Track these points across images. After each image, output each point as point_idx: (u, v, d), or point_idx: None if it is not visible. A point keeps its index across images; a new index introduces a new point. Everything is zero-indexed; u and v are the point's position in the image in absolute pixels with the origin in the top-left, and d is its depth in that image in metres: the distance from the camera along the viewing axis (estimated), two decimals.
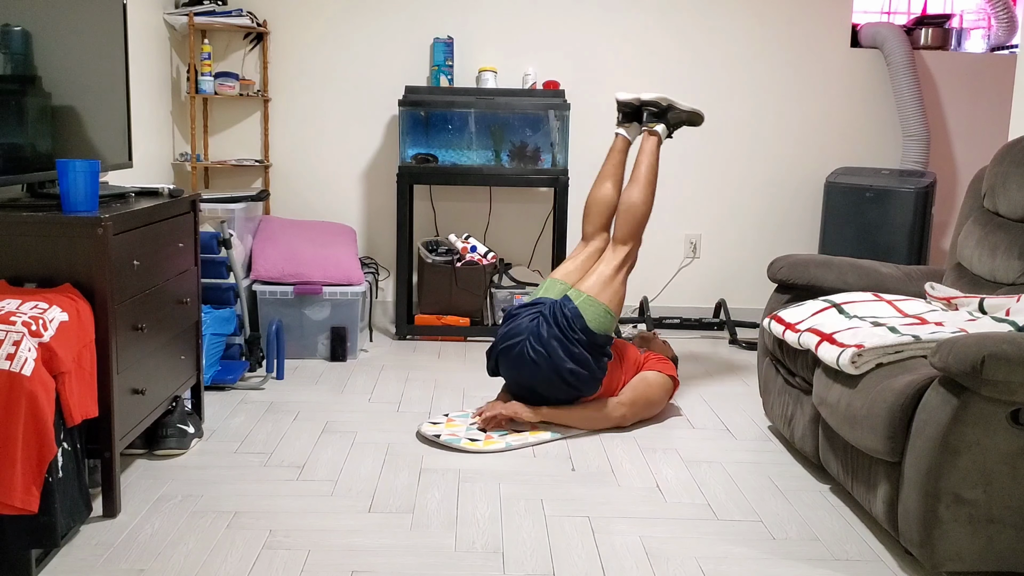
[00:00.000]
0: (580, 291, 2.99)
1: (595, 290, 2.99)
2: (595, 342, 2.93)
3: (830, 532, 2.29)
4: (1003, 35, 4.60)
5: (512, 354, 2.95)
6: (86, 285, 2.14)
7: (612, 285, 3.01)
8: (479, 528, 2.25)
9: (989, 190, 2.83)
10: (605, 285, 3.00)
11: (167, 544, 2.12)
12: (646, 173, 3.17)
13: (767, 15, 4.42)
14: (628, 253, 3.09)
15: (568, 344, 2.89)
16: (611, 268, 3.04)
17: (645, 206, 3.13)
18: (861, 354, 2.21)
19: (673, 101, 3.28)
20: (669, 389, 3.12)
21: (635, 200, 3.13)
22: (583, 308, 2.94)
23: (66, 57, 2.49)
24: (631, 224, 3.11)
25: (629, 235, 3.11)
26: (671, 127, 3.31)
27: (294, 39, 4.34)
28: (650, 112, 3.29)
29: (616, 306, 3.00)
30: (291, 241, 3.84)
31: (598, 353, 2.95)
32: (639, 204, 3.13)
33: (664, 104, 3.27)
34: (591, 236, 3.24)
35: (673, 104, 3.28)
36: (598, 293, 2.98)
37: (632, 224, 3.11)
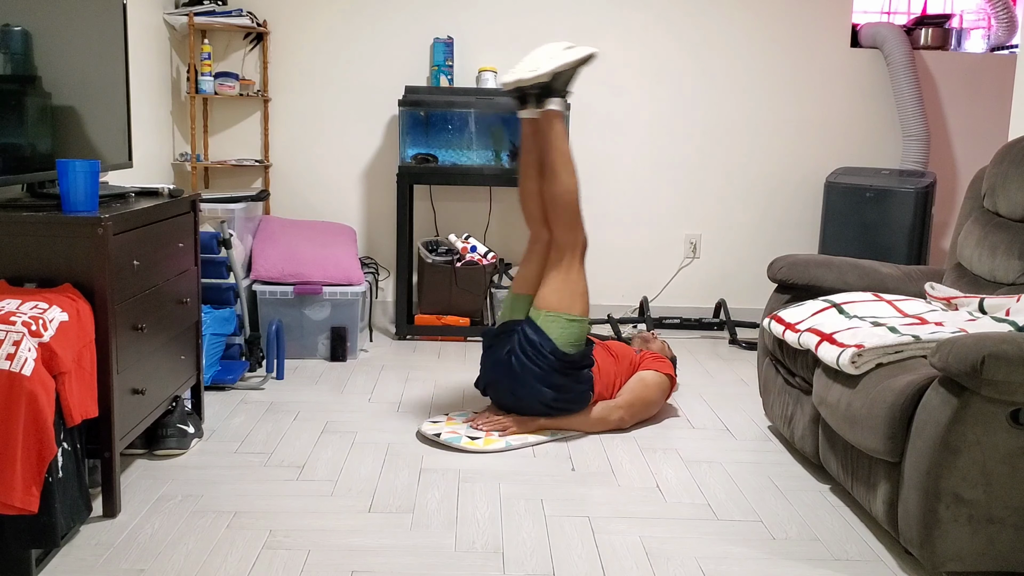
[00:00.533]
0: (539, 309, 2.87)
1: (552, 302, 2.86)
2: (569, 362, 2.85)
3: (830, 532, 2.29)
4: (1003, 35, 4.60)
5: (498, 391, 2.94)
6: (86, 285, 2.14)
7: (567, 287, 2.87)
8: (479, 528, 2.25)
9: (989, 190, 2.83)
10: (559, 292, 2.86)
11: (167, 544, 2.12)
12: (556, 158, 2.89)
13: (767, 15, 4.42)
14: (571, 246, 2.89)
15: (545, 374, 2.82)
16: (560, 271, 2.88)
17: (568, 194, 2.89)
18: (861, 354, 2.21)
19: (555, 67, 2.86)
20: (666, 388, 3.11)
21: (555, 192, 2.89)
22: (547, 328, 2.83)
23: (66, 57, 2.49)
24: (562, 217, 2.89)
25: (565, 227, 2.90)
26: (563, 93, 2.93)
27: (294, 39, 4.34)
28: (534, 94, 2.93)
29: (579, 307, 2.88)
30: (291, 241, 3.84)
31: (576, 370, 2.88)
32: (560, 194, 2.88)
33: (547, 79, 2.87)
34: (535, 230, 3.01)
35: (556, 71, 2.87)
36: (556, 304, 2.85)
37: (563, 216, 2.89)
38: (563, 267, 2.90)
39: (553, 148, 2.90)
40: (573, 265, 2.90)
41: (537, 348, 2.82)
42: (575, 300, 2.87)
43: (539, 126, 2.94)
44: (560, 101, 2.92)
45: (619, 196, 4.53)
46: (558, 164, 2.89)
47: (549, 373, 2.83)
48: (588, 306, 2.92)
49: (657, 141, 4.50)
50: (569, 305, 2.86)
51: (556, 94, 2.91)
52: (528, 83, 2.87)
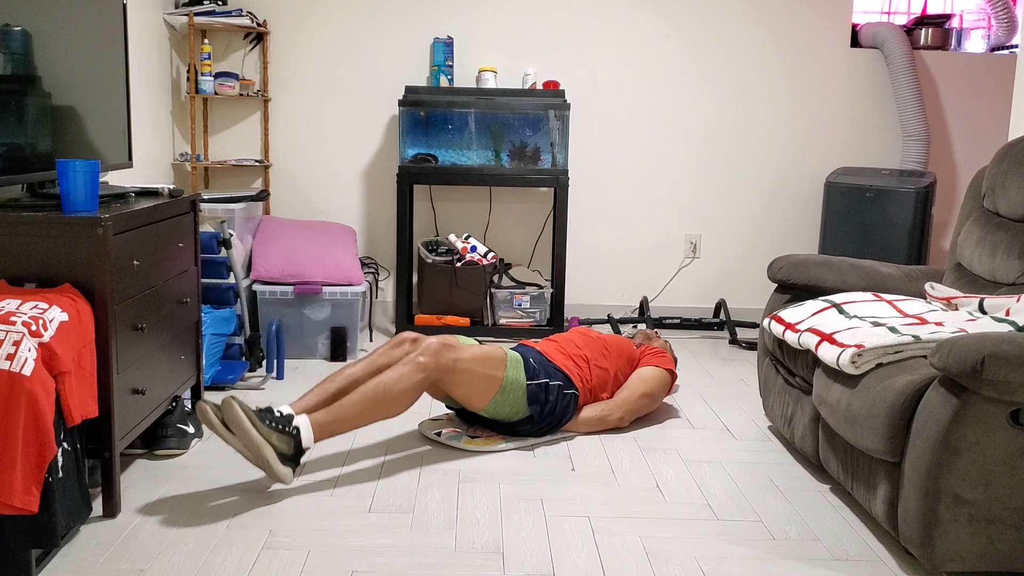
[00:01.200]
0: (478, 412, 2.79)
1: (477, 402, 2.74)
2: (538, 412, 2.81)
3: (830, 532, 2.29)
4: (1003, 35, 4.60)
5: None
6: (86, 285, 2.14)
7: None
8: (479, 528, 2.25)
9: (989, 190, 2.83)
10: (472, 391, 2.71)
11: (167, 544, 2.12)
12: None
13: (767, 15, 4.42)
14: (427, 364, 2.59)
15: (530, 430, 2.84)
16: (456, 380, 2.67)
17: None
18: (861, 354, 2.21)
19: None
20: (667, 383, 3.11)
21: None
22: (498, 415, 2.79)
23: (66, 57, 2.49)
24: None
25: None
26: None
27: (294, 39, 4.34)
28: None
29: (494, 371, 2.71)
30: (291, 241, 3.84)
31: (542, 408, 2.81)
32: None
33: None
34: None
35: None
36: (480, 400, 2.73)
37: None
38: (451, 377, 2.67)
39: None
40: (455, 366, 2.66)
41: (509, 425, 2.83)
42: (485, 378, 2.71)
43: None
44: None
45: (619, 196, 4.53)
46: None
47: (532, 427, 2.84)
48: (497, 357, 2.75)
49: (657, 141, 4.50)
50: (486, 388, 2.71)
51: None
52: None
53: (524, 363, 2.82)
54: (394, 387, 2.53)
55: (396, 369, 2.56)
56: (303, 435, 2.41)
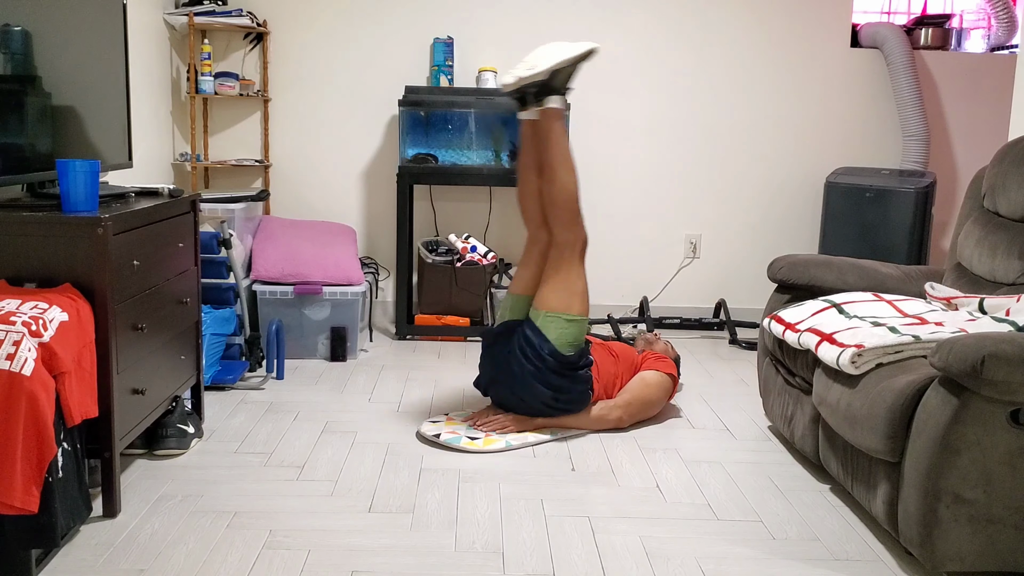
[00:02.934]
0: (538, 310, 2.86)
1: (551, 302, 2.85)
2: (567, 362, 2.85)
3: (830, 532, 2.29)
4: (1003, 35, 4.60)
5: (499, 392, 2.94)
6: (86, 285, 2.14)
7: (567, 287, 2.86)
8: (479, 528, 2.25)
9: (989, 190, 2.83)
10: (559, 292, 2.85)
11: (167, 544, 2.12)
12: (555, 156, 2.86)
13: (767, 15, 4.42)
14: (571, 244, 2.87)
15: (543, 374, 2.83)
16: (559, 270, 2.86)
17: (566, 191, 2.86)
18: (861, 354, 2.21)
19: (553, 64, 2.83)
20: (668, 388, 3.11)
21: (554, 191, 2.87)
22: (546, 329, 2.83)
23: (66, 57, 2.49)
24: (561, 216, 2.87)
25: (564, 226, 2.87)
26: (563, 90, 2.91)
27: (294, 39, 4.34)
28: (533, 93, 2.90)
29: (578, 306, 2.86)
30: (291, 241, 3.84)
31: (574, 371, 2.87)
32: (559, 191, 2.86)
33: (545, 76, 2.84)
34: (533, 231, 3.00)
35: (555, 68, 2.84)
36: (555, 304, 2.84)
37: (562, 216, 2.87)
38: (563, 267, 2.87)
39: (552, 147, 2.87)
40: (573, 265, 2.88)
41: (536, 349, 2.82)
42: (573, 300, 2.85)
43: (538, 125, 2.91)
44: (560, 99, 2.89)
45: (619, 196, 4.53)
46: (557, 163, 2.86)
47: (547, 374, 2.83)
48: (587, 305, 2.90)
49: (657, 141, 4.50)
50: (567, 305, 2.84)
51: (555, 92, 2.88)
52: (527, 81, 2.84)
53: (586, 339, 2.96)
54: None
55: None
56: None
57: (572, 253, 2.88)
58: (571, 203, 2.87)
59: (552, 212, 2.89)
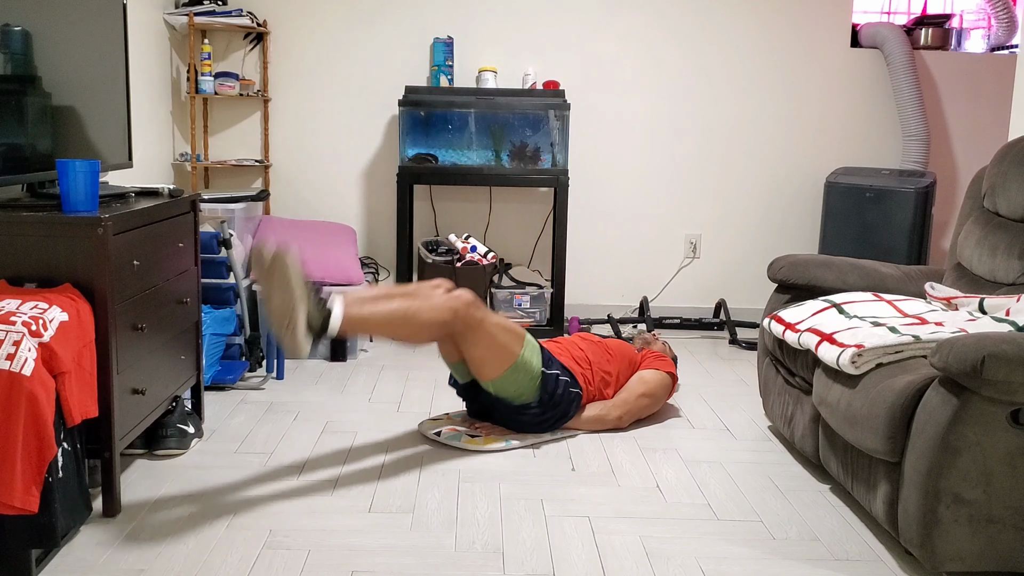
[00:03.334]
0: (486, 382, 2.78)
1: (489, 372, 2.75)
2: (543, 401, 2.82)
3: (830, 532, 2.29)
4: (1003, 35, 4.60)
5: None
6: (86, 285, 2.14)
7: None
8: (479, 528, 2.25)
9: (989, 190, 2.83)
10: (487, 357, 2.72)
11: (167, 544, 2.12)
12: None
13: (767, 15, 4.42)
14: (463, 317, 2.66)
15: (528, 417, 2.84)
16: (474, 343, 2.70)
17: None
18: (861, 354, 2.21)
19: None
20: (668, 387, 3.11)
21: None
22: (503, 392, 2.79)
23: (66, 57, 2.49)
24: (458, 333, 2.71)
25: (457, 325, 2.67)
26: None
27: (294, 39, 4.34)
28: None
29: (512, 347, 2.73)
30: (291, 241, 3.84)
31: (550, 398, 2.83)
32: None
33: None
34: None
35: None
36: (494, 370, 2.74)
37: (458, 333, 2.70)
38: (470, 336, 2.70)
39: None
40: (478, 326, 2.69)
41: (511, 410, 2.84)
42: (503, 350, 2.73)
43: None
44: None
45: (619, 196, 4.53)
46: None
47: (531, 415, 2.84)
48: (517, 334, 2.77)
49: (657, 141, 4.50)
50: (503, 359, 2.73)
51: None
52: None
53: (541, 351, 2.85)
54: (422, 315, 2.59)
55: (429, 301, 2.62)
56: (334, 316, 2.43)
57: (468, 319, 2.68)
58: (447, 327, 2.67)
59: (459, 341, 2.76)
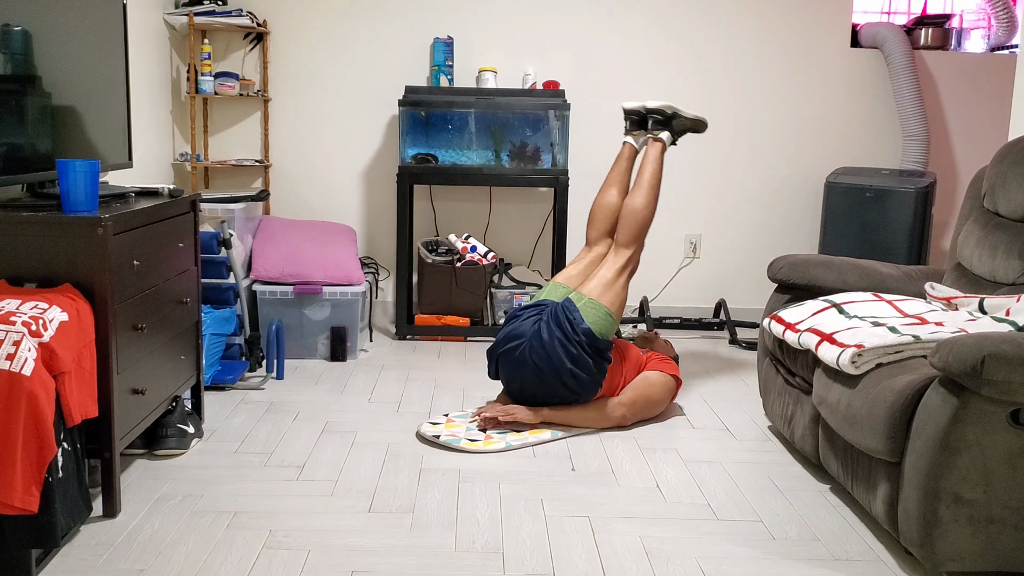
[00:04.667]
0: (582, 294, 3.00)
1: (596, 293, 3.00)
2: (596, 346, 2.93)
3: (830, 532, 2.29)
4: (1003, 35, 4.60)
5: (513, 356, 2.95)
6: (86, 285, 2.14)
7: (614, 288, 3.02)
8: (479, 528, 2.25)
9: (989, 190, 2.83)
10: (607, 288, 3.01)
11: (167, 544, 2.12)
12: (650, 179, 3.21)
13: (767, 15, 4.42)
14: (630, 257, 3.10)
15: (570, 346, 2.89)
16: (613, 272, 3.05)
17: (648, 211, 3.16)
18: (861, 354, 2.21)
19: (678, 109, 3.34)
20: (672, 388, 3.12)
21: (638, 205, 3.15)
22: (585, 311, 2.95)
23: (66, 57, 2.49)
24: (634, 228, 3.13)
25: (632, 239, 3.12)
26: (675, 134, 3.36)
27: (294, 39, 4.34)
28: (655, 120, 3.33)
29: (617, 309, 3.01)
30: (291, 241, 3.84)
31: (599, 357, 2.95)
32: (641, 208, 3.15)
33: (669, 112, 3.32)
34: (595, 241, 3.25)
35: (678, 112, 3.33)
36: (600, 296, 2.99)
37: (635, 228, 3.13)
38: (616, 270, 3.06)
39: (653, 172, 3.22)
40: (624, 274, 3.08)
41: (571, 322, 2.92)
42: (616, 302, 3.01)
43: (647, 149, 3.30)
44: (669, 136, 3.33)
45: None
46: (650, 185, 3.20)
47: (575, 346, 2.90)
48: (622, 315, 3.11)
49: None
50: (611, 302, 3.00)
51: (670, 130, 3.34)
52: (653, 108, 3.32)
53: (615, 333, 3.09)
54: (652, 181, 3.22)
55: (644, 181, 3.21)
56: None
57: (627, 265, 3.10)
58: (646, 222, 3.16)
59: (626, 223, 3.14)
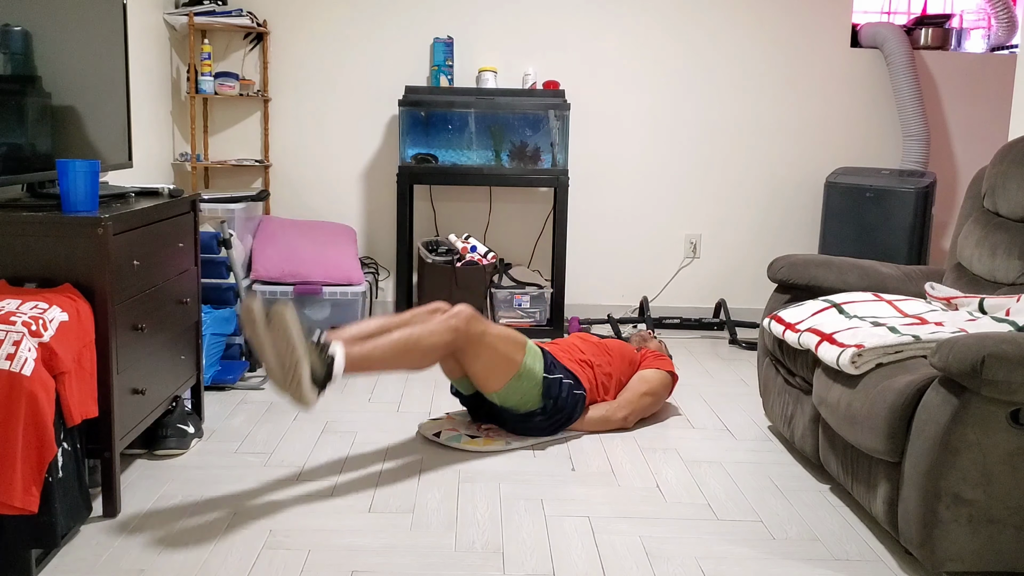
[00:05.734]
0: (491, 394, 2.77)
1: (492, 383, 2.74)
2: (549, 407, 2.82)
3: (830, 532, 2.29)
4: (1003, 35, 4.60)
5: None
6: (86, 285, 2.14)
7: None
8: (479, 528, 2.25)
9: (989, 190, 2.83)
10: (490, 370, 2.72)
11: (167, 544, 2.12)
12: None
13: (767, 15, 4.42)
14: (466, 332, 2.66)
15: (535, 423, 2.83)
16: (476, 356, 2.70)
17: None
18: (861, 354, 2.21)
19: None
20: (668, 385, 3.12)
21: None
22: (507, 402, 2.78)
23: (66, 57, 2.49)
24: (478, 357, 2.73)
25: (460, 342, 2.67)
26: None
27: (294, 39, 4.34)
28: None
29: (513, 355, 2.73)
30: (291, 241, 3.84)
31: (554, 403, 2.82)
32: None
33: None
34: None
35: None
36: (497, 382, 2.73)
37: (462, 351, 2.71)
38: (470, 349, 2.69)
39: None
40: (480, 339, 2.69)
41: (517, 419, 2.83)
42: (505, 361, 2.72)
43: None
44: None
45: (619, 196, 4.53)
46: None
47: (541, 421, 2.84)
48: (519, 342, 2.77)
49: (657, 141, 4.50)
50: (505, 370, 2.72)
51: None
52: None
53: (543, 356, 2.84)
54: (424, 341, 2.58)
55: (428, 326, 2.62)
56: (336, 363, 2.40)
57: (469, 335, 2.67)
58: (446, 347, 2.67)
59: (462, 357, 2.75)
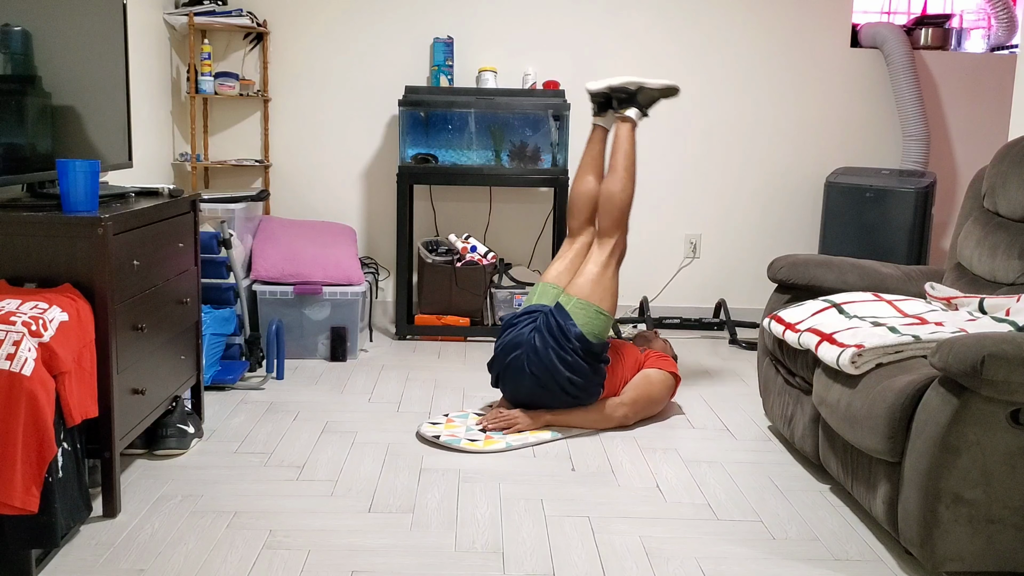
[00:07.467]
0: (570, 295, 2.95)
1: (585, 292, 2.95)
2: (590, 350, 2.90)
3: (830, 532, 2.29)
4: (1003, 35, 4.60)
5: (512, 368, 2.94)
6: (86, 285, 2.14)
7: (602, 282, 2.97)
8: (479, 528, 2.25)
9: (989, 190, 2.83)
10: (595, 284, 2.96)
11: (167, 544, 2.12)
12: (623, 161, 3.11)
13: (767, 15, 4.42)
14: (615, 245, 3.04)
15: (564, 354, 2.87)
16: (599, 265, 2.99)
17: (625, 194, 3.07)
18: (861, 354, 2.21)
19: (643, 82, 3.20)
20: (671, 386, 3.12)
21: (615, 190, 3.07)
22: (575, 314, 2.91)
23: (66, 57, 2.49)
24: (614, 214, 3.05)
25: (613, 226, 3.05)
26: (644, 108, 3.22)
27: (294, 39, 4.34)
28: (619, 98, 3.22)
29: (609, 303, 2.96)
30: (291, 241, 3.84)
31: (595, 361, 2.93)
32: (618, 193, 3.07)
33: (633, 88, 3.19)
34: (577, 231, 3.18)
35: (643, 85, 3.20)
36: (588, 295, 2.94)
37: (615, 214, 3.05)
38: (602, 263, 3.00)
39: (625, 153, 3.12)
40: (611, 265, 3.01)
41: (562, 329, 2.88)
42: (606, 295, 2.96)
43: (616, 131, 3.19)
44: (638, 114, 3.20)
45: None
46: (624, 168, 3.11)
47: (569, 354, 2.87)
48: (616, 307, 3.02)
49: (657, 141, 4.50)
50: (600, 299, 2.94)
51: (636, 105, 3.21)
52: (617, 87, 3.19)
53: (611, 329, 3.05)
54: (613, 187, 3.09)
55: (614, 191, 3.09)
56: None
57: (612, 254, 3.03)
58: (625, 206, 3.07)
59: (606, 210, 3.07)
